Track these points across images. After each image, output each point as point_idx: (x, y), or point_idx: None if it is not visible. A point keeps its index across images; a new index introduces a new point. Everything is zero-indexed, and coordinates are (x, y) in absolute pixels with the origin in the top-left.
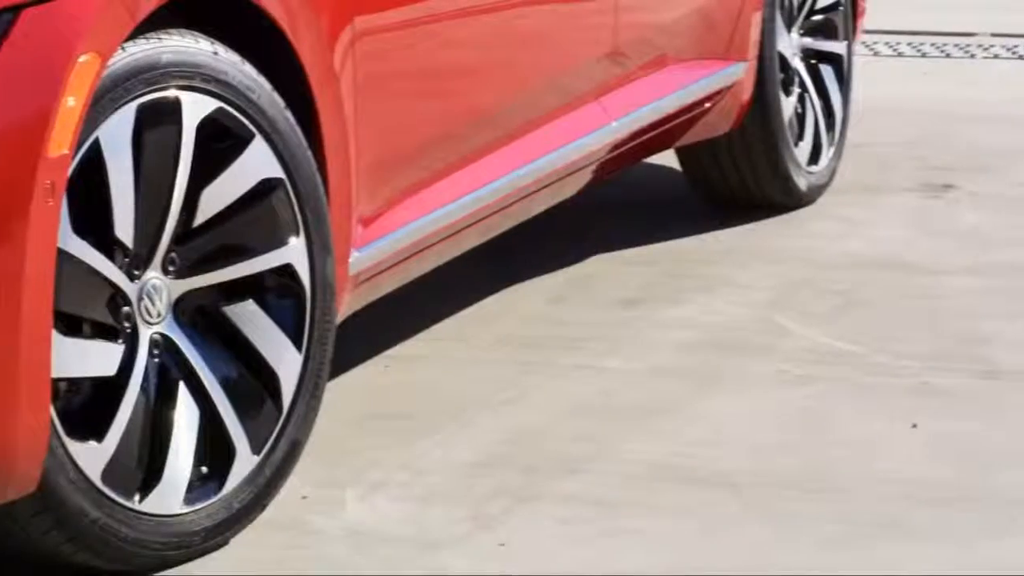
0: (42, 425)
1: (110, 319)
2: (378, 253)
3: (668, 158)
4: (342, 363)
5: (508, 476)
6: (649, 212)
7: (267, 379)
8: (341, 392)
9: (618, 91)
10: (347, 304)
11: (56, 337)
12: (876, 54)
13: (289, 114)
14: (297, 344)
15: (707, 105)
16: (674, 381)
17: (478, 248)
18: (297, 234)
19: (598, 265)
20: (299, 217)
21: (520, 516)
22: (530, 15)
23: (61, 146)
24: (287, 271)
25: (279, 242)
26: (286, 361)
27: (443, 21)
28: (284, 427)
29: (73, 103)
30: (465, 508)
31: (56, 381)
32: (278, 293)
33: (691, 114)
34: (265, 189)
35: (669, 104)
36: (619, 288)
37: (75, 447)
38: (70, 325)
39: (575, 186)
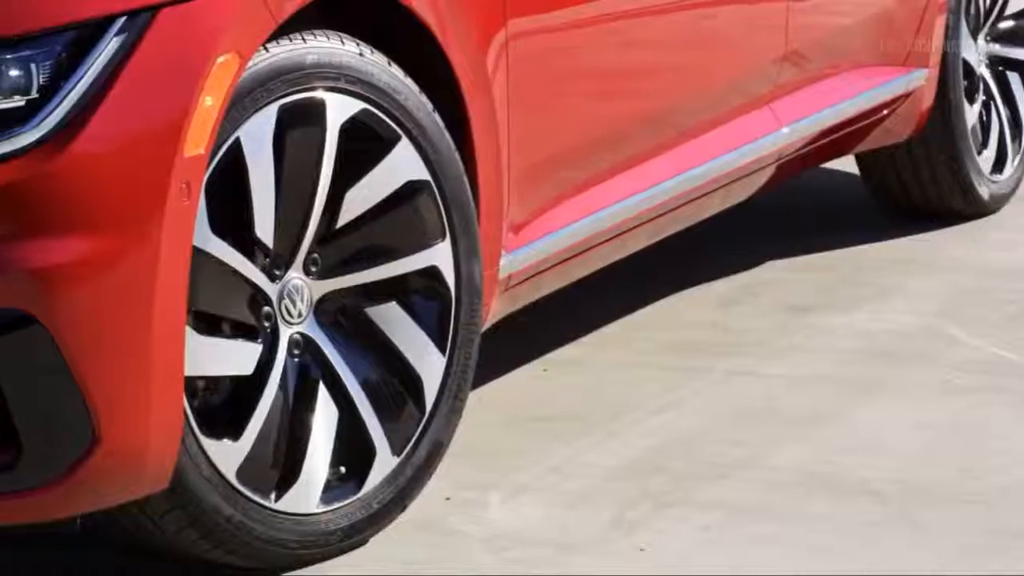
0: (174, 422)
1: (250, 319)
2: (532, 256)
3: (847, 163)
4: (500, 365)
5: (654, 481)
6: (825, 218)
7: (409, 381)
8: (496, 394)
9: (791, 96)
10: (498, 307)
11: (194, 336)
12: None
13: (437, 117)
14: (441, 346)
15: (884, 112)
16: (836, 389)
17: (648, 251)
18: (443, 237)
19: (770, 271)
20: (445, 219)
21: (663, 521)
22: (693, 16)
23: (198, 146)
24: (432, 273)
25: (424, 244)
26: (429, 363)
27: (598, 24)
28: (426, 428)
29: (211, 103)
30: (608, 512)
31: (193, 379)
32: (422, 295)
33: (867, 121)
34: (410, 191)
35: (843, 111)
36: (789, 294)
37: (210, 445)
38: (209, 324)
39: (747, 190)
